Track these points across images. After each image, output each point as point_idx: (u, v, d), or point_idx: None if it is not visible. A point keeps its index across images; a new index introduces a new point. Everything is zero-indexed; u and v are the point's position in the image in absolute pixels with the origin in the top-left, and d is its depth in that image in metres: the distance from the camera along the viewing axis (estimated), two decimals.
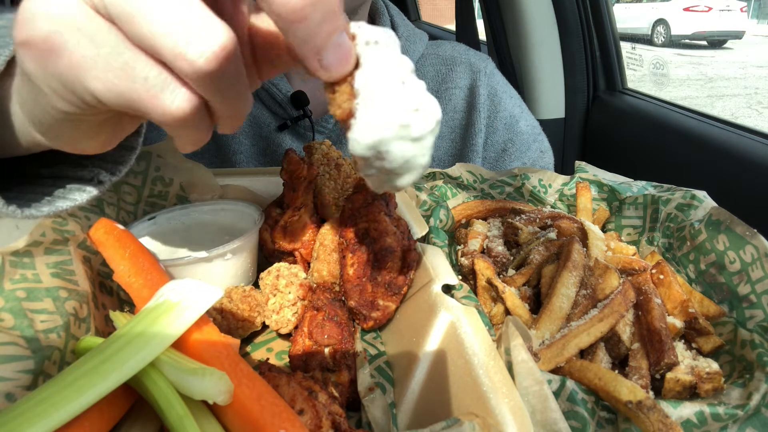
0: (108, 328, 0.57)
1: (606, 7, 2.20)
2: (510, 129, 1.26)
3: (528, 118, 1.31)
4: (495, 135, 1.25)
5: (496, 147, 1.26)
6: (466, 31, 2.61)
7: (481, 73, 1.25)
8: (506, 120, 1.26)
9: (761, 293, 0.60)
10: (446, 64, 1.25)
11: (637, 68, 3.18)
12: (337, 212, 0.73)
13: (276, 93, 1.12)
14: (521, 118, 1.29)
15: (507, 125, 1.26)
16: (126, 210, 0.73)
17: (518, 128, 1.27)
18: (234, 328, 0.61)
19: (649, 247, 0.76)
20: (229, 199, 0.81)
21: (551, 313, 0.59)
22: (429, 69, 1.25)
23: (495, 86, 1.27)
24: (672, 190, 0.78)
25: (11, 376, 0.44)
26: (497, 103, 1.26)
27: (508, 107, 1.27)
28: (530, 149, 1.28)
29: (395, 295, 0.61)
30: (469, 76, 1.25)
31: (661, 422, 0.44)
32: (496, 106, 1.25)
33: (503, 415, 0.41)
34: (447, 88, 1.24)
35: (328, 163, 0.76)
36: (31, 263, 0.50)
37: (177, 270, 0.63)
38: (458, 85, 1.24)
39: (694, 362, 0.56)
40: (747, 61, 9.43)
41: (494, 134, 1.25)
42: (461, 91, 1.24)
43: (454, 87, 1.24)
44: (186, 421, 0.39)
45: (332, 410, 0.43)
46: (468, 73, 1.25)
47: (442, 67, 1.25)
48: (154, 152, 0.76)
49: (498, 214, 0.84)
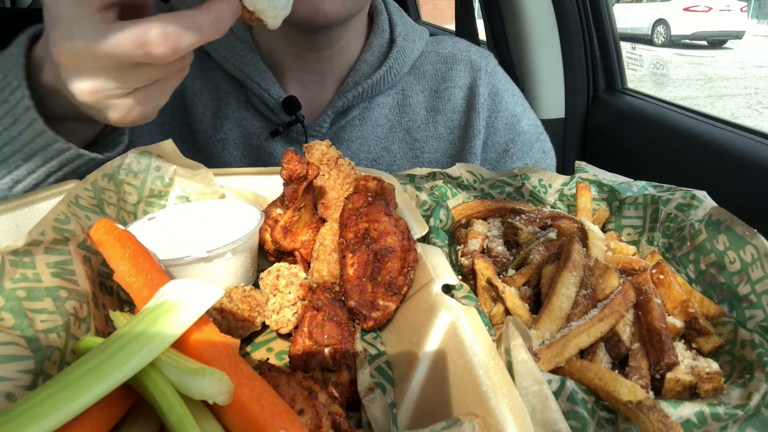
0: (108, 328, 0.57)
1: (606, 7, 2.20)
2: (511, 129, 1.24)
3: (530, 117, 1.29)
4: (496, 135, 1.23)
5: (497, 147, 1.24)
6: (466, 31, 2.61)
7: (481, 72, 1.23)
8: (507, 119, 1.24)
9: (761, 293, 0.60)
10: (446, 62, 1.24)
11: (637, 68, 3.18)
12: (337, 212, 0.73)
13: (267, 99, 1.12)
14: (523, 117, 1.27)
15: (508, 125, 1.24)
16: (126, 210, 0.73)
17: (520, 128, 1.25)
18: (234, 328, 0.61)
19: (649, 247, 0.76)
20: (229, 199, 0.81)
21: (551, 313, 0.59)
22: (428, 67, 1.24)
23: (496, 84, 1.25)
24: (672, 190, 0.78)
25: (11, 376, 0.44)
26: (498, 102, 1.24)
27: (509, 106, 1.25)
28: (532, 149, 1.26)
29: (395, 295, 0.61)
30: (470, 74, 1.23)
31: (661, 422, 0.44)
32: (497, 105, 1.23)
33: (503, 415, 0.41)
34: (446, 88, 1.22)
35: (328, 162, 0.76)
36: (31, 263, 0.50)
37: (177, 270, 0.63)
38: (458, 84, 1.22)
39: (694, 362, 0.56)
40: (747, 61, 9.43)
41: (495, 134, 1.23)
42: (461, 91, 1.22)
43: (454, 86, 1.22)
44: (186, 421, 0.39)
45: (332, 410, 0.43)
46: (468, 71, 1.23)
47: (442, 66, 1.24)
48: (154, 152, 0.76)
49: (498, 214, 0.84)
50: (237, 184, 0.82)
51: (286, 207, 0.69)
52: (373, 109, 1.19)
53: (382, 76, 1.15)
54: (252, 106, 1.16)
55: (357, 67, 1.16)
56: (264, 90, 1.11)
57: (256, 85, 1.12)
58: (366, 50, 1.17)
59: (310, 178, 0.67)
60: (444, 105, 1.22)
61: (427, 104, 1.22)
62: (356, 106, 1.17)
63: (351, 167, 0.78)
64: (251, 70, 1.12)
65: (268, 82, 1.12)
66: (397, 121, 1.21)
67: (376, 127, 1.19)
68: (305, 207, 0.70)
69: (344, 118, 1.17)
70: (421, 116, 1.22)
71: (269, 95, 1.11)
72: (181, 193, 0.78)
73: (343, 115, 1.17)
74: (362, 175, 0.69)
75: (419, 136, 1.22)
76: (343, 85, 1.16)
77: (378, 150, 1.19)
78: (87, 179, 0.66)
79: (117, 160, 0.72)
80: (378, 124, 1.19)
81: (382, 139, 1.20)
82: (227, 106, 1.16)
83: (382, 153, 1.20)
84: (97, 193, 0.67)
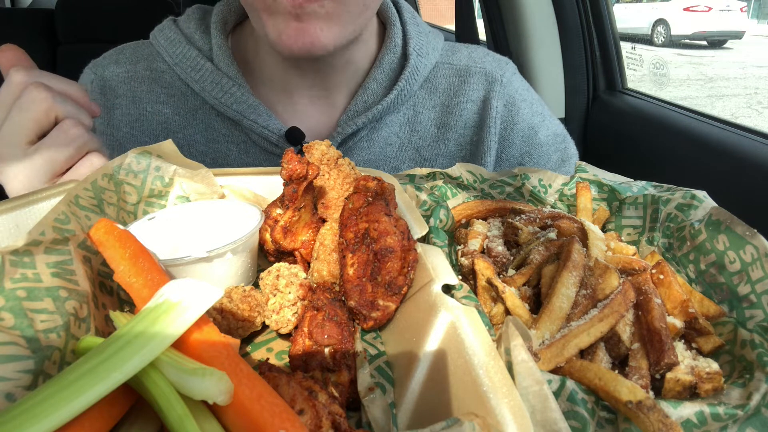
0: (108, 328, 0.57)
1: (606, 7, 2.20)
2: (528, 141, 1.19)
3: (549, 126, 1.22)
4: (511, 149, 1.18)
5: (511, 161, 1.19)
6: (466, 31, 2.61)
7: (496, 83, 1.16)
8: (524, 132, 1.18)
9: (761, 293, 0.60)
10: (459, 76, 1.17)
11: (637, 68, 3.18)
12: (337, 212, 0.73)
13: (269, 135, 1.06)
14: (541, 127, 1.20)
15: (525, 138, 1.18)
16: (126, 210, 0.73)
17: (537, 140, 1.19)
18: (234, 328, 0.61)
19: (649, 247, 0.76)
20: (229, 199, 0.81)
21: (551, 313, 0.59)
22: (441, 81, 1.17)
23: (513, 95, 1.18)
24: (672, 190, 0.78)
25: (11, 376, 0.44)
26: (515, 113, 1.17)
27: (526, 118, 1.18)
28: (550, 161, 1.21)
29: (395, 295, 0.61)
30: (484, 87, 1.17)
31: (661, 422, 0.44)
32: (513, 117, 1.17)
33: (503, 415, 0.41)
34: (458, 102, 1.16)
35: (328, 162, 0.76)
36: (31, 262, 0.50)
37: (177, 270, 0.63)
38: (471, 98, 1.16)
39: (694, 362, 0.56)
40: (747, 61, 9.42)
41: (510, 148, 1.18)
42: (474, 105, 1.16)
43: (466, 101, 1.16)
44: (186, 421, 0.39)
45: (332, 410, 0.43)
46: (483, 84, 1.17)
47: (455, 79, 1.17)
48: (154, 152, 0.76)
49: (498, 214, 0.84)
50: (237, 184, 0.82)
51: (286, 207, 0.69)
52: (381, 129, 1.13)
53: (393, 99, 1.09)
54: (253, 144, 1.10)
55: (366, 85, 1.10)
56: (263, 127, 1.06)
57: (253, 123, 1.06)
58: (376, 67, 1.11)
59: (310, 178, 0.67)
60: (455, 121, 1.16)
61: (437, 121, 1.17)
62: (364, 127, 1.11)
63: (351, 167, 0.78)
64: (244, 108, 1.06)
65: (265, 118, 1.06)
66: (407, 140, 1.16)
67: (386, 147, 1.14)
68: (305, 207, 0.70)
69: (351, 139, 1.12)
70: (431, 134, 1.16)
71: (270, 131, 1.06)
72: (181, 193, 0.78)
73: (351, 136, 1.11)
74: (362, 175, 0.69)
75: (428, 154, 1.17)
76: (351, 104, 1.10)
77: (387, 170, 1.14)
78: (87, 179, 0.66)
79: (117, 160, 0.72)
80: (388, 143, 1.14)
81: (392, 159, 1.15)
82: (227, 153, 1.11)
83: (390, 173, 1.16)
84: (97, 193, 0.67)
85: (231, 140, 1.11)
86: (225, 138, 1.11)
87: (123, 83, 1.12)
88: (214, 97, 1.07)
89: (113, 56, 1.16)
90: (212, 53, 1.09)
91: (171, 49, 1.10)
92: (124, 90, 1.12)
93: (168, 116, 1.11)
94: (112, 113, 1.12)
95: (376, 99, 1.11)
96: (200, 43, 1.10)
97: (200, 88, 1.08)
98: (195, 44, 1.10)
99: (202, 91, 1.08)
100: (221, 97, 1.07)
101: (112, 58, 1.15)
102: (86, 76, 1.15)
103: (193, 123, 1.11)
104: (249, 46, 1.12)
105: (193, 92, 1.11)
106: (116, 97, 1.12)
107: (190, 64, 1.08)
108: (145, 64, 1.13)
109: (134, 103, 1.12)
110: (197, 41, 1.10)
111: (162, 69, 1.12)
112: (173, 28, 1.12)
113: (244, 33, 1.14)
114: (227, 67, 1.07)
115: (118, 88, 1.12)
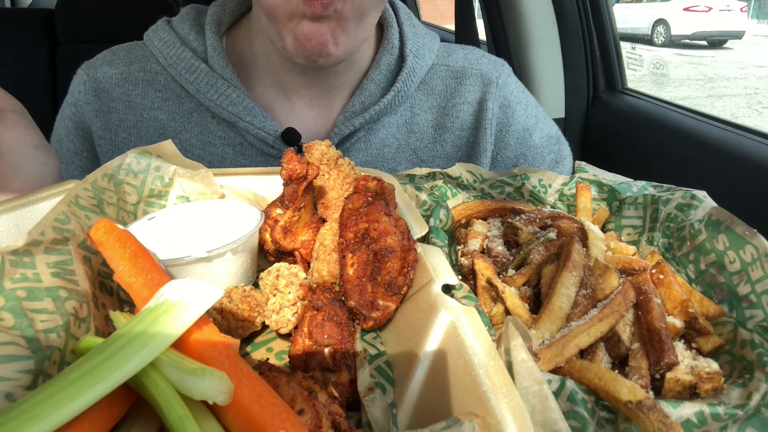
0: (108, 328, 0.57)
1: (606, 7, 2.20)
2: (522, 143, 1.20)
3: (543, 128, 1.23)
4: (506, 150, 1.19)
5: (506, 163, 1.20)
6: (465, 31, 2.61)
7: (492, 85, 1.17)
8: (518, 134, 1.19)
9: (761, 293, 0.60)
10: (456, 77, 1.17)
11: (637, 68, 3.19)
12: (337, 212, 0.73)
13: (266, 136, 1.06)
14: (536, 129, 1.21)
15: (519, 140, 1.19)
16: (126, 210, 0.73)
17: (531, 142, 1.20)
18: (234, 328, 0.61)
19: (649, 247, 0.76)
20: (229, 199, 0.81)
21: (551, 313, 0.59)
22: (438, 82, 1.17)
23: (508, 97, 1.19)
24: (672, 190, 0.78)
25: (11, 376, 0.44)
26: (510, 115, 1.18)
27: (521, 120, 1.19)
28: (544, 162, 1.21)
29: (395, 295, 0.61)
30: (480, 89, 1.17)
31: (661, 422, 0.44)
32: (508, 119, 1.18)
33: (503, 415, 0.41)
34: (455, 104, 1.16)
35: (328, 162, 0.76)
36: (31, 262, 0.50)
37: (177, 270, 0.63)
38: (467, 100, 1.17)
39: (694, 362, 0.56)
40: (747, 61, 9.43)
41: (505, 150, 1.19)
42: (470, 106, 1.17)
43: (462, 102, 1.16)
44: (186, 421, 0.39)
45: (332, 410, 0.43)
46: (479, 85, 1.17)
47: (452, 81, 1.17)
48: (153, 152, 0.76)
49: (498, 214, 0.84)
50: (237, 184, 0.82)
51: (286, 207, 0.69)
52: (378, 130, 1.13)
53: (390, 100, 1.10)
54: (249, 146, 1.10)
55: (363, 85, 1.11)
56: (259, 129, 1.06)
57: (249, 125, 1.06)
58: (374, 68, 1.12)
59: (310, 178, 0.67)
60: (452, 122, 1.17)
61: (434, 122, 1.17)
62: (362, 128, 1.11)
63: (351, 167, 0.78)
64: (240, 110, 1.05)
65: (261, 119, 1.06)
66: (404, 141, 1.16)
67: (383, 148, 1.14)
68: (305, 207, 0.70)
69: (349, 141, 1.12)
70: (428, 135, 1.17)
71: (266, 132, 1.06)
72: (181, 193, 0.78)
73: (348, 138, 1.11)
74: (362, 175, 0.69)
75: (425, 156, 1.17)
76: (348, 105, 1.11)
77: (384, 171, 1.12)
78: (87, 179, 0.66)
79: (117, 160, 0.72)
80: (385, 145, 1.14)
81: (389, 160, 1.15)
82: (224, 155, 1.10)
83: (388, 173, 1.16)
84: (97, 193, 0.67)
85: (227, 142, 1.10)
86: (221, 140, 1.10)
87: (117, 85, 1.11)
88: (210, 99, 1.06)
89: (106, 57, 1.14)
90: (207, 54, 1.08)
91: (165, 51, 1.09)
92: (119, 93, 1.10)
93: (164, 122, 1.10)
94: (108, 117, 1.11)
95: (374, 100, 1.11)
96: (195, 45, 1.09)
97: (195, 90, 1.07)
98: (189, 45, 1.09)
99: (197, 93, 1.07)
100: (216, 99, 1.06)
101: (105, 59, 1.14)
102: (79, 77, 1.13)
103: (189, 127, 1.11)
104: (244, 47, 1.12)
105: (188, 94, 1.10)
106: (111, 101, 1.11)
107: (185, 66, 1.07)
108: (139, 65, 1.12)
109: (131, 109, 1.11)
110: (192, 42, 1.09)
111: (156, 70, 1.11)
112: (167, 29, 1.11)
113: (239, 33, 1.13)
114: (222, 68, 1.07)
115: (112, 90, 1.11)
